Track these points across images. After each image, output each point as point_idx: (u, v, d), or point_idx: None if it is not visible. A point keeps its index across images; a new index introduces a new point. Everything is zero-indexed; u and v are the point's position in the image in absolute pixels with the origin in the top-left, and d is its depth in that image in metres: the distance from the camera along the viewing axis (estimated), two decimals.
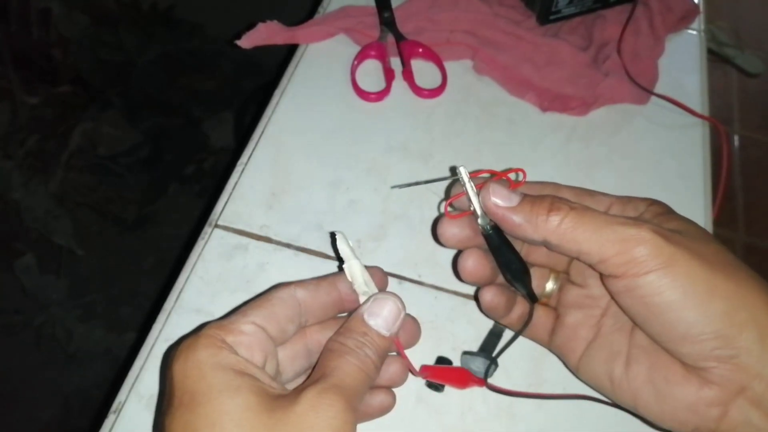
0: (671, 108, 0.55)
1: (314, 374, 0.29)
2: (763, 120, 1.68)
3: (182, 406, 0.27)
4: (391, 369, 0.34)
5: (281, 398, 0.27)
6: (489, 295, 0.35)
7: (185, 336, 0.30)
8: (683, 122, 0.55)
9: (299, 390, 0.28)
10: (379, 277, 0.35)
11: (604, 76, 0.54)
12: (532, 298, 0.36)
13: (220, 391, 0.27)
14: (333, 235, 0.35)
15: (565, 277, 0.37)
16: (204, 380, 0.27)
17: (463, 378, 0.37)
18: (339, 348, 0.30)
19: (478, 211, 0.33)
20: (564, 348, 0.36)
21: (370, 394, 0.34)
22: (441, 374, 0.37)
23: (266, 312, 0.31)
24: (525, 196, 0.32)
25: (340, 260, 0.34)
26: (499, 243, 0.34)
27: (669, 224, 0.31)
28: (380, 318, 0.31)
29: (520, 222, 0.32)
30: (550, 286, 0.38)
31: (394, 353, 0.34)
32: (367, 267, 0.34)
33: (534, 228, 0.31)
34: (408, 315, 0.34)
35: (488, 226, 0.34)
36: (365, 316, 0.31)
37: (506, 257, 0.34)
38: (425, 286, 0.43)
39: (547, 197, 0.32)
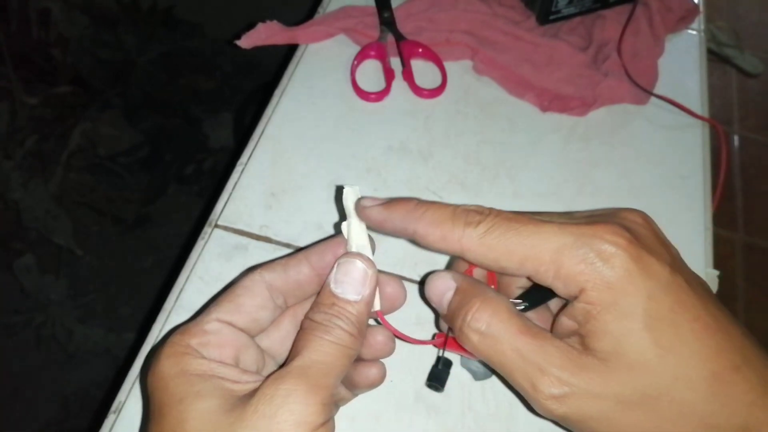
0: (671, 108, 0.55)
1: (286, 360, 0.28)
2: (762, 120, 1.68)
3: (153, 419, 0.27)
4: (375, 340, 0.32)
5: (248, 393, 0.26)
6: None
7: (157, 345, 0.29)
8: (683, 122, 0.55)
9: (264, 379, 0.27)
10: (394, 287, 0.32)
11: (603, 76, 0.54)
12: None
13: (180, 400, 0.26)
14: (340, 189, 0.32)
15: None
16: (167, 390, 0.27)
17: None
18: (308, 325, 0.28)
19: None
20: None
21: (356, 367, 0.32)
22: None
23: (231, 305, 0.29)
24: (453, 298, 0.30)
25: (343, 220, 0.32)
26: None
27: (600, 337, 0.28)
28: (346, 284, 0.29)
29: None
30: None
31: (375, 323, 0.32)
32: (382, 273, 0.31)
33: (455, 333, 0.30)
34: (387, 274, 0.32)
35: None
36: (331, 286, 0.29)
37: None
38: None
39: (466, 308, 0.29)
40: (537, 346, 0.28)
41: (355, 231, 0.31)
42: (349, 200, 0.31)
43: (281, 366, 0.27)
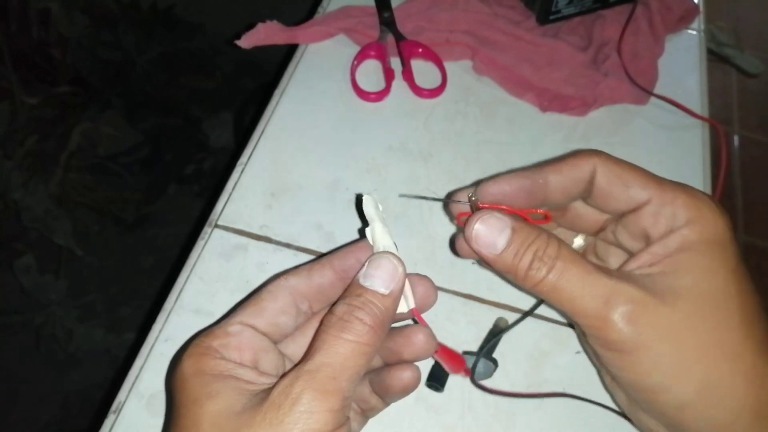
0: (671, 108, 0.55)
1: (300, 360, 0.28)
2: (762, 120, 1.68)
3: (173, 418, 0.27)
4: (416, 338, 0.32)
5: (259, 396, 0.26)
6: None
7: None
8: (683, 123, 0.55)
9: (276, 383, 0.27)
10: (425, 287, 0.33)
11: (603, 76, 0.54)
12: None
13: (194, 401, 0.27)
14: (359, 198, 0.33)
15: (592, 242, 0.36)
16: (185, 391, 0.27)
17: (458, 364, 0.36)
18: (326, 321, 0.28)
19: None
20: None
21: (389, 371, 0.32)
22: (448, 355, 0.35)
23: (254, 309, 0.30)
24: (512, 236, 0.30)
25: (365, 226, 0.32)
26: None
27: (684, 272, 0.29)
28: (376, 277, 0.29)
29: (506, 272, 0.31)
30: (578, 241, 0.36)
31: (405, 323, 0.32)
32: (413, 274, 0.32)
33: (515, 278, 0.31)
34: (418, 275, 0.33)
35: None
36: (361, 280, 0.29)
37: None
38: None
39: (534, 243, 0.30)
40: (606, 273, 0.29)
41: (380, 234, 0.31)
42: (369, 206, 0.32)
43: (295, 365, 0.27)
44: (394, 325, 0.33)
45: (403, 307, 0.31)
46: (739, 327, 0.29)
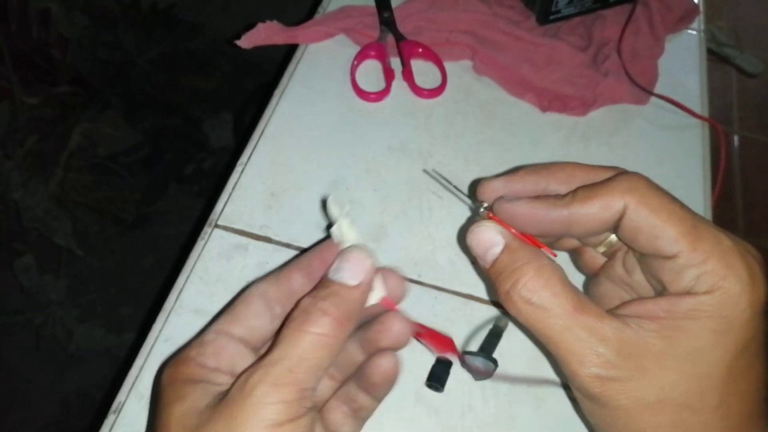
0: (671, 108, 0.55)
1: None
2: (762, 120, 1.68)
3: (151, 426, 0.29)
4: (391, 324, 0.31)
5: (223, 394, 0.27)
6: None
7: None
8: (683, 123, 0.55)
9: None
10: (396, 280, 0.32)
11: (603, 76, 0.54)
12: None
13: (166, 405, 0.27)
14: (325, 201, 0.33)
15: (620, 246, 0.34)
16: (161, 398, 0.28)
17: (446, 345, 0.35)
18: (291, 315, 0.28)
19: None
20: None
21: (367, 362, 0.31)
22: (432, 336, 0.34)
23: (228, 317, 0.31)
24: (500, 255, 0.30)
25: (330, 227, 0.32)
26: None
27: (678, 344, 0.27)
28: (344, 270, 0.29)
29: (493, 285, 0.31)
30: (613, 237, 0.34)
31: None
32: (381, 267, 0.32)
33: (497, 292, 0.30)
34: (387, 269, 0.32)
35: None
36: (330, 275, 0.29)
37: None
38: (425, 286, 0.43)
39: (518, 270, 0.29)
40: (591, 325, 0.28)
41: (347, 230, 0.31)
42: (332, 207, 0.32)
43: (257, 360, 0.27)
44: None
45: (373, 299, 0.31)
46: (713, 416, 0.27)
